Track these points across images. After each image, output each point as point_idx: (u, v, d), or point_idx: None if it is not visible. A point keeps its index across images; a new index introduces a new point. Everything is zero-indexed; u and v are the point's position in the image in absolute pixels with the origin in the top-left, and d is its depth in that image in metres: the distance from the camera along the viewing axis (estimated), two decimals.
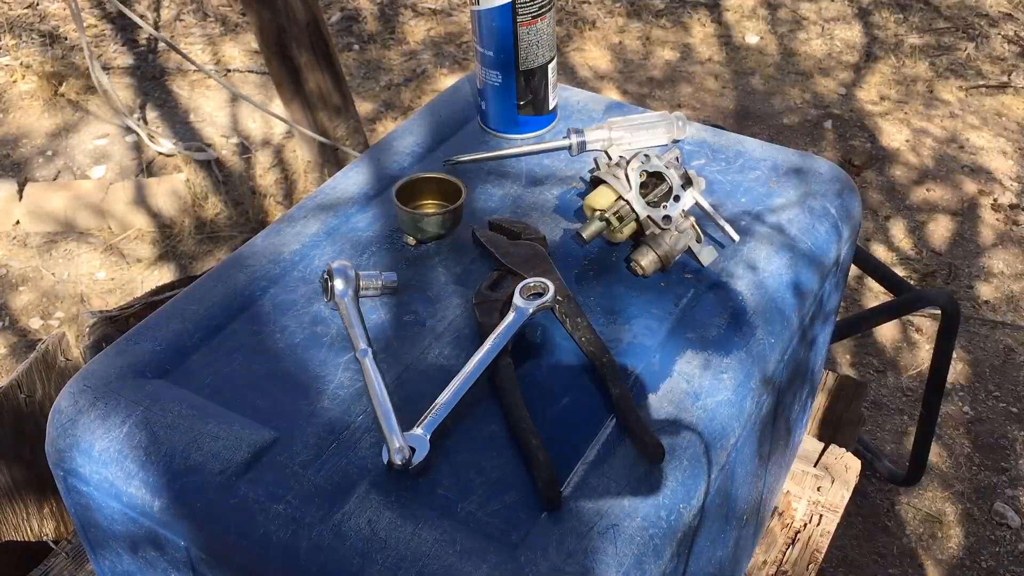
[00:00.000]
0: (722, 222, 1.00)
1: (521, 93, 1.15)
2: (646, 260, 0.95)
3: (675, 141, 1.17)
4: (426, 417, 0.79)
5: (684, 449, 0.81)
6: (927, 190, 2.97)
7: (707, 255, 0.97)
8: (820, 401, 1.56)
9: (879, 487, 2.06)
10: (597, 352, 0.86)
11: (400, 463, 0.75)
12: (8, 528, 1.28)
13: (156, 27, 3.61)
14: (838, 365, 2.35)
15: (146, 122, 3.13)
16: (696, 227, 0.97)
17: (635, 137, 1.16)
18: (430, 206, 1.03)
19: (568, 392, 0.84)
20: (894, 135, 3.20)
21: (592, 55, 3.59)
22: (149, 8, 3.79)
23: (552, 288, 0.89)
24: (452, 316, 0.92)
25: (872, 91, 3.42)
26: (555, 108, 1.20)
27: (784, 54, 3.60)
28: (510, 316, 0.87)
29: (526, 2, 1.07)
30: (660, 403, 0.83)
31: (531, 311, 0.87)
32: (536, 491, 0.75)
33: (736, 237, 1.00)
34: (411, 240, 1.00)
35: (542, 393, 0.84)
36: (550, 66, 1.14)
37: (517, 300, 0.88)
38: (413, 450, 0.76)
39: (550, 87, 1.16)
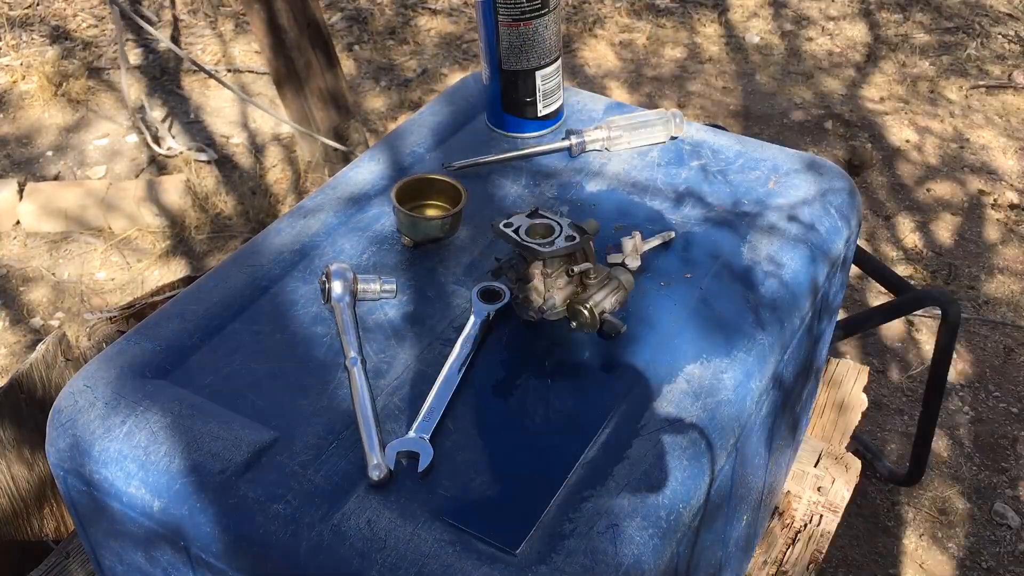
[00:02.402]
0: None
1: (505, 92, 1.14)
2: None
3: (672, 138, 1.18)
4: (416, 424, 0.79)
5: (685, 448, 0.81)
6: (927, 190, 2.97)
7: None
8: (822, 387, 1.56)
9: (879, 487, 2.06)
10: None
11: (376, 479, 0.75)
12: (8, 528, 1.28)
13: (163, 27, 3.62)
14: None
15: (147, 122, 3.13)
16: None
17: (633, 136, 1.16)
18: (430, 207, 1.03)
19: (568, 392, 0.84)
20: (897, 134, 3.19)
21: (598, 53, 3.59)
22: (154, 6, 3.79)
23: (507, 293, 0.91)
24: (452, 316, 0.92)
25: (875, 90, 3.42)
26: (553, 114, 1.18)
27: (787, 53, 3.60)
28: (470, 320, 0.89)
29: (507, 4, 1.06)
30: (661, 403, 0.83)
31: (489, 314, 0.89)
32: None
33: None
34: (408, 241, 1.00)
35: (542, 394, 0.84)
36: (539, 72, 1.12)
37: (474, 303, 0.90)
38: (390, 470, 0.76)
39: (539, 93, 1.14)
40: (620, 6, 3.86)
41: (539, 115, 1.16)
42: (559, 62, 1.14)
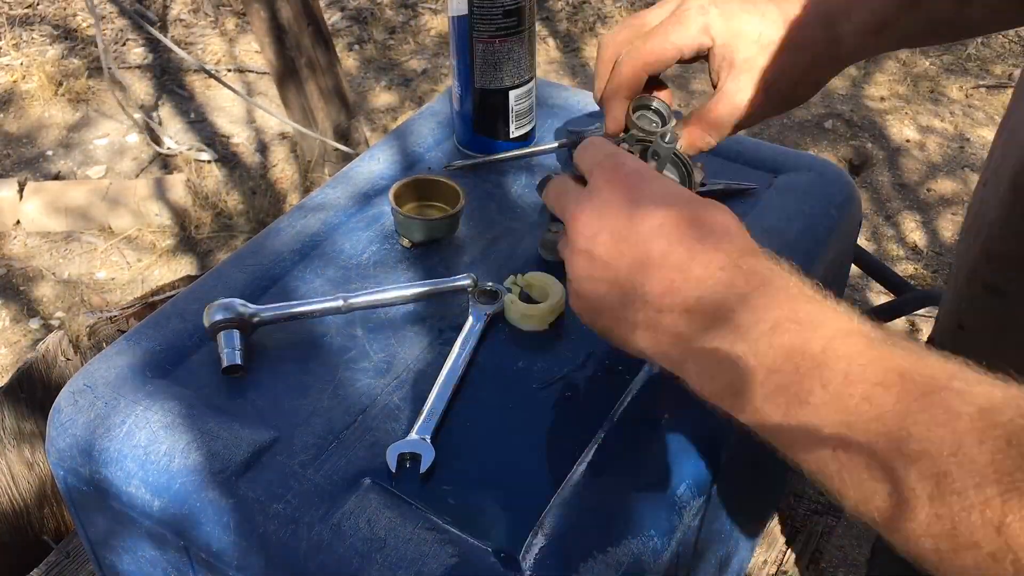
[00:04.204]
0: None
1: (476, 111, 1.11)
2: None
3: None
4: (416, 425, 0.79)
5: (686, 447, 0.81)
6: (929, 189, 2.97)
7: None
8: None
9: None
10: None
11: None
12: (8, 528, 1.28)
13: (163, 26, 3.62)
14: None
15: (149, 121, 3.14)
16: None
17: None
18: (429, 208, 1.03)
19: (570, 390, 0.84)
20: (898, 133, 3.19)
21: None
22: (159, 5, 3.80)
23: (504, 292, 0.91)
24: (452, 316, 0.92)
25: (876, 89, 3.42)
26: (526, 136, 1.14)
27: None
28: (469, 321, 0.89)
29: (483, 17, 1.03)
30: (662, 401, 0.83)
31: (487, 315, 0.90)
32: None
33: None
34: (406, 242, 1.00)
35: (544, 391, 0.84)
36: (513, 92, 1.09)
37: (472, 303, 0.91)
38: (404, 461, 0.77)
39: (511, 114, 1.11)
40: (621, 5, 3.86)
41: (510, 137, 1.13)
42: (533, 83, 1.11)
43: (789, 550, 1.27)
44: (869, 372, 0.53)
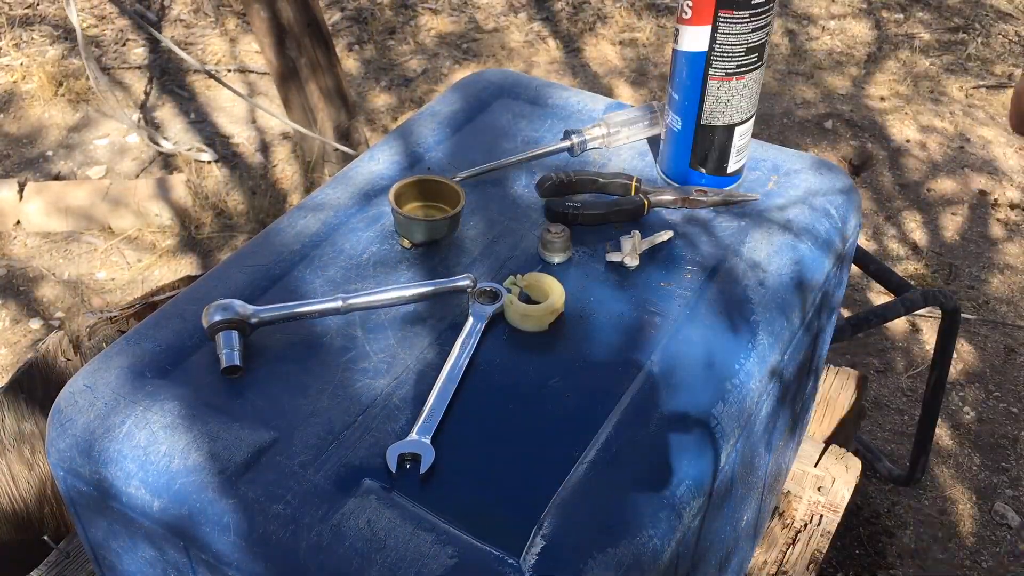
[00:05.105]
0: None
1: (697, 146, 1.06)
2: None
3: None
4: (417, 425, 0.79)
5: (685, 449, 0.81)
6: (929, 189, 2.97)
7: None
8: (821, 395, 1.56)
9: (879, 487, 2.06)
10: None
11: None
12: (8, 528, 1.28)
13: (160, 26, 3.62)
14: (838, 365, 2.35)
15: (148, 121, 3.14)
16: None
17: (631, 131, 1.16)
18: (430, 208, 1.03)
19: (570, 390, 0.84)
20: (898, 133, 3.19)
21: (600, 52, 3.59)
22: (156, 6, 3.80)
23: (504, 293, 0.92)
24: (451, 316, 0.92)
25: (877, 89, 3.42)
26: (737, 171, 1.09)
27: (790, 52, 3.60)
28: (469, 322, 0.89)
29: (723, 55, 0.99)
30: (661, 403, 0.83)
31: (488, 315, 0.90)
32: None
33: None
34: (406, 243, 1.00)
35: (544, 392, 0.84)
36: (738, 128, 1.05)
37: (472, 303, 0.91)
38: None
39: (733, 150, 1.07)
40: (620, 5, 3.86)
41: (727, 172, 1.09)
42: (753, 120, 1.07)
43: (789, 550, 1.27)
44: None
